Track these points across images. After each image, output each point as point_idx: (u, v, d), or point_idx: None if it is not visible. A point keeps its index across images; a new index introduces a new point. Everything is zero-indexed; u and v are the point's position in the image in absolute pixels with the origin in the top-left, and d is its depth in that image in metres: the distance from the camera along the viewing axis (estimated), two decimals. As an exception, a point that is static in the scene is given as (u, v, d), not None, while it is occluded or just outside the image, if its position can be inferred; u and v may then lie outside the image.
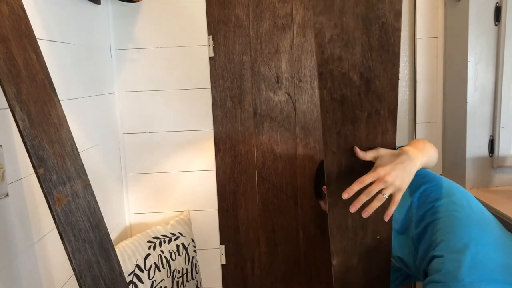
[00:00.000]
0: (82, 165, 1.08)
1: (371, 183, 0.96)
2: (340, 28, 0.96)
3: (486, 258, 1.02)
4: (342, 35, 0.97)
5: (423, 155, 1.04)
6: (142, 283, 1.60)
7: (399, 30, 0.97)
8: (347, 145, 1.04)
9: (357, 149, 1.01)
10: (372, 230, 1.15)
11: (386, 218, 0.99)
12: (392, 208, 0.98)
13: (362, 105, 1.03)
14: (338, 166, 1.05)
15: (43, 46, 1.24)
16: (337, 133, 1.04)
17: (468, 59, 1.67)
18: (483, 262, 1.01)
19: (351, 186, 0.97)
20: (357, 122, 1.04)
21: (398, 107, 1.40)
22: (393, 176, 0.95)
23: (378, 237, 1.17)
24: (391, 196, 0.97)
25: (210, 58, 1.91)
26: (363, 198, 0.97)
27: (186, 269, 1.87)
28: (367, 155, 1.00)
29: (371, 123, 1.04)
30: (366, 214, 0.97)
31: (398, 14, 0.96)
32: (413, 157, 0.98)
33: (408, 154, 0.97)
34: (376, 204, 0.96)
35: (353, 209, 0.97)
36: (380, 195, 0.96)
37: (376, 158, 0.98)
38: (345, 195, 0.97)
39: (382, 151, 0.98)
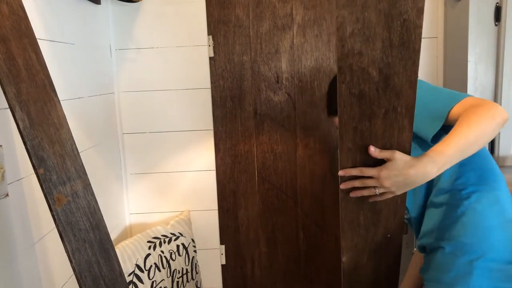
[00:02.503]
0: (82, 165, 1.08)
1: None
2: (362, 23, 0.96)
3: (498, 269, 1.01)
4: (364, 30, 0.96)
5: (450, 158, 0.95)
6: (142, 283, 1.60)
7: (420, 27, 0.96)
8: (363, 142, 1.03)
9: (372, 147, 1.01)
10: (383, 228, 1.14)
11: (370, 200, 1.03)
12: (377, 199, 1.02)
13: (380, 102, 1.02)
14: (353, 162, 1.04)
15: (43, 46, 1.24)
16: (353, 128, 1.03)
17: (468, 59, 1.67)
18: (495, 271, 1.01)
19: (351, 169, 1.00)
20: (374, 119, 1.03)
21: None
22: (392, 183, 0.96)
23: (389, 235, 1.15)
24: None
25: (210, 58, 1.91)
26: (356, 184, 1.00)
27: (186, 269, 1.87)
28: (382, 154, 0.99)
29: (388, 120, 1.03)
30: (352, 194, 1.01)
31: (420, 11, 0.95)
32: (426, 171, 0.94)
33: (419, 171, 0.94)
34: (365, 193, 1.00)
35: (343, 186, 1.01)
36: (372, 189, 0.99)
37: (388, 160, 0.98)
38: (341, 173, 1.00)
39: (398, 156, 0.97)
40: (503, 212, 1.04)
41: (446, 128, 1.01)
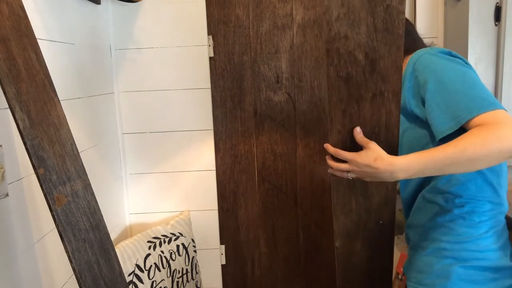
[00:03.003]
0: (82, 165, 1.08)
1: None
2: (347, 7, 1.00)
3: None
4: (349, 14, 1.01)
5: (424, 171, 0.94)
6: (142, 283, 1.60)
7: (403, 13, 1.00)
8: (352, 124, 1.06)
9: (358, 129, 1.05)
10: (375, 214, 1.16)
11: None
12: (341, 175, 1.06)
13: (367, 85, 1.05)
14: (343, 144, 1.07)
15: (43, 46, 1.24)
16: (342, 111, 1.06)
17: (468, 59, 1.67)
18: (474, 276, 1.02)
19: (329, 147, 1.06)
20: (362, 102, 1.06)
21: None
22: (361, 172, 1.00)
23: (381, 222, 1.17)
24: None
25: (210, 58, 1.91)
26: (331, 164, 1.06)
27: (186, 269, 1.87)
28: (361, 138, 1.04)
29: (376, 103, 1.06)
30: (329, 170, 1.08)
31: None
32: (394, 173, 0.95)
33: (387, 169, 0.95)
34: (337, 173, 1.06)
35: (328, 159, 1.08)
36: (345, 173, 1.04)
37: (364, 147, 1.01)
38: (325, 145, 1.07)
39: (373, 146, 1.00)
40: (492, 227, 1.02)
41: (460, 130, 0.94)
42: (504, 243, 1.04)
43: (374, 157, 0.97)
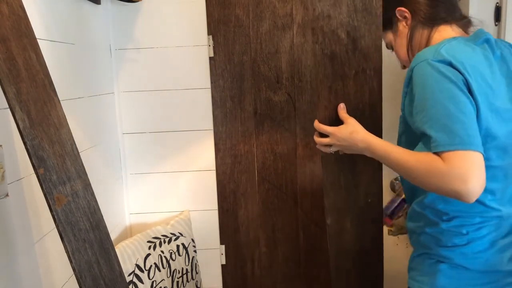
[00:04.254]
0: (82, 165, 1.08)
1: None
2: None
3: None
4: None
5: (375, 157, 1.04)
6: (142, 283, 1.60)
7: None
8: (337, 101, 1.14)
9: (341, 105, 1.14)
10: (364, 191, 1.23)
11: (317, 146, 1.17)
12: (325, 149, 1.15)
13: (350, 63, 1.13)
14: (330, 120, 1.15)
15: (43, 46, 1.24)
16: (328, 87, 1.14)
17: (468, 59, 1.67)
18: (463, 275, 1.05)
19: (316, 124, 1.14)
20: (346, 79, 1.14)
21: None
22: (340, 145, 1.10)
23: (369, 200, 1.24)
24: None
25: (210, 58, 1.91)
26: (315, 139, 1.16)
27: (186, 269, 1.87)
28: (341, 113, 1.13)
29: (359, 81, 1.14)
30: (317, 146, 1.16)
31: None
32: (359, 144, 1.06)
33: (355, 142, 1.06)
34: (322, 148, 1.15)
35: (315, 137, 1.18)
36: (328, 147, 1.13)
37: (344, 122, 1.11)
38: (314, 122, 1.15)
39: (351, 121, 1.09)
40: (484, 235, 1.01)
41: None
42: (502, 247, 1.02)
43: (350, 131, 1.07)
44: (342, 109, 1.13)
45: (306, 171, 1.99)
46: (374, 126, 1.15)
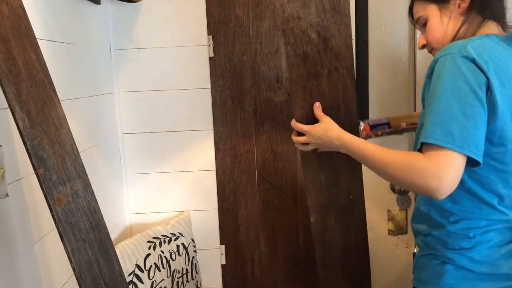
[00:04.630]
0: (82, 165, 1.08)
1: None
2: None
3: None
4: None
5: (351, 153, 1.07)
6: (142, 283, 1.60)
7: None
8: (313, 100, 1.16)
9: (317, 104, 1.16)
10: (344, 188, 1.24)
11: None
12: (302, 148, 1.18)
13: (322, 62, 1.15)
14: (307, 119, 1.16)
15: (43, 46, 1.24)
16: (303, 87, 1.16)
17: (468, 59, 1.67)
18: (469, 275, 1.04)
19: (293, 123, 1.17)
20: (320, 78, 1.15)
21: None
22: (316, 144, 1.13)
23: (351, 197, 1.25)
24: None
25: (210, 58, 1.91)
26: (293, 138, 1.19)
27: (186, 269, 1.87)
28: (317, 112, 1.15)
29: (332, 79, 1.15)
30: (295, 145, 1.20)
31: None
32: (334, 141, 1.09)
33: (330, 139, 1.09)
34: (300, 147, 1.18)
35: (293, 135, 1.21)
36: (305, 145, 1.16)
37: (319, 120, 1.14)
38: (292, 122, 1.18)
39: (326, 120, 1.12)
40: (490, 239, 1.01)
41: None
42: (509, 251, 1.01)
43: (325, 129, 1.10)
44: (317, 108, 1.15)
45: (306, 171, 1.99)
46: (350, 123, 1.18)
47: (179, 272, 1.81)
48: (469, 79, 0.89)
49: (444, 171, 0.86)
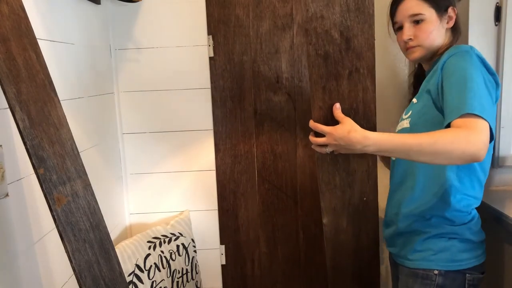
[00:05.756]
0: (82, 165, 1.08)
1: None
2: None
3: None
4: None
5: (389, 153, 1.07)
6: (142, 283, 1.60)
7: None
8: (332, 101, 1.15)
9: (337, 105, 1.15)
10: (358, 190, 1.24)
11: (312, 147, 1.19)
12: (320, 150, 1.16)
13: (344, 62, 1.14)
14: (325, 120, 1.15)
15: (43, 46, 1.24)
16: (322, 88, 1.15)
17: (468, 59, 1.67)
18: None
19: (311, 123, 1.15)
20: (340, 79, 1.14)
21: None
22: (336, 144, 1.10)
23: (364, 198, 1.25)
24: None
25: (210, 58, 1.91)
26: (311, 139, 1.16)
27: (186, 269, 1.87)
28: (337, 114, 1.14)
29: (352, 80, 1.15)
30: (312, 146, 1.17)
31: None
32: (364, 147, 1.06)
33: (359, 141, 1.06)
34: (317, 149, 1.16)
35: (310, 136, 1.19)
36: (323, 147, 1.14)
37: (340, 122, 1.12)
38: (310, 122, 1.16)
39: (348, 121, 1.10)
40: (476, 215, 1.25)
41: None
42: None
43: (348, 130, 1.07)
44: (337, 109, 1.15)
45: (306, 171, 1.99)
46: (368, 124, 1.17)
47: (179, 272, 1.81)
48: (488, 67, 1.09)
49: (485, 135, 0.98)
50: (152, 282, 1.65)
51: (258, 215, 2.03)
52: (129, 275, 1.57)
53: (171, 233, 1.84)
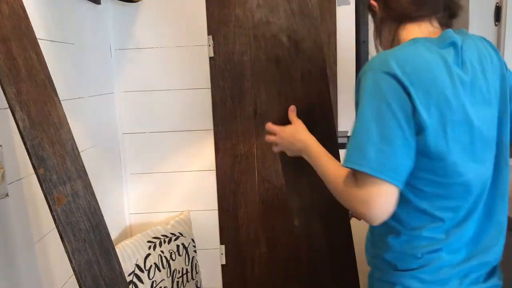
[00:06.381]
0: (82, 165, 1.08)
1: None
2: None
3: None
4: (267, 1, 1.12)
5: (307, 155, 1.04)
6: (142, 283, 1.60)
7: None
8: (288, 104, 1.15)
9: (292, 107, 1.13)
10: (327, 188, 1.19)
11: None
12: (273, 149, 1.17)
13: (295, 65, 1.14)
14: (283, 123, 1.15)
15: (43, 46, 1.24)
16: (278, 91, 1.15)
17: (468, 59, 1.67)
18: None
19: (267, 125, 1.15)
20: (294, 82, 1.15)
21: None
22: (283, 144, 1.11)
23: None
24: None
25: (210, 58, 1.91)
26: (266, 137, 1.16)
27: (186, 269, 1.87)
28: (290, 115, 1.13)
29: (305, 82, 1.15)
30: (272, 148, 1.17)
31: None
32: (298, 145, 1.06)
33: (295, 143, 1.06)
34: (274, 148, 1.17)
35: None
36: (274, 146, 1.15)
37: (291, 123, 1.12)
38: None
39: (295, 122, 1.10)
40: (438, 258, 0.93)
41: None
42: (461, 271, 0.93)
43: (293, 131, 1.08)
44: (291, 111, 1.13)
45: (306, 171, 1.99)
46: (327, 126, 1.17)
47: (179, 272, 1.81)
48: (389, 99, 0.81)
49: (369, 196, 0.81)
50: (152, 282, 1.65)
51: (258, 215, 2.03)
52: (129, 275, 1.57)
53: (171, 233, 1.84)
